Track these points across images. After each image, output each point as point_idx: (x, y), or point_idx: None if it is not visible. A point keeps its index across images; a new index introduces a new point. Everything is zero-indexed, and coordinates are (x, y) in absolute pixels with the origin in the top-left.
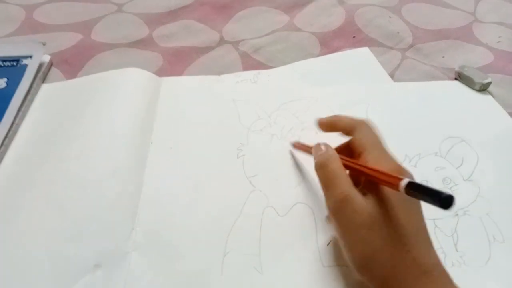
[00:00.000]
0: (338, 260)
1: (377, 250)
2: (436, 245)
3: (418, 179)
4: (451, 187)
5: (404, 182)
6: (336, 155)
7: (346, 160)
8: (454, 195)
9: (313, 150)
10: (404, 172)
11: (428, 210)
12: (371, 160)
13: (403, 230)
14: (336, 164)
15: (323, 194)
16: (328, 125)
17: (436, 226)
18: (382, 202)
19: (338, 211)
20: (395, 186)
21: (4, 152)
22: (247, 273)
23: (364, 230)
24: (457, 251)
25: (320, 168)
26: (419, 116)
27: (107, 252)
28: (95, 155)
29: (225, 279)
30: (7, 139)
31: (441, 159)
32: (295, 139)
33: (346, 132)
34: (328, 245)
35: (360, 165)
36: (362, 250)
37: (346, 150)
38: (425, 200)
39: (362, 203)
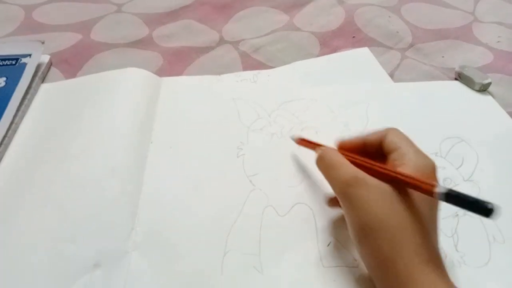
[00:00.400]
0: (338, 261)
1: (387, 220)
2: None
3: None
4: (451, 187)
5: (439, 189)
6: (332, 147)
7: (363, 161)
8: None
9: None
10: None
11: None
12: (409, 157)
13: (421, 213)
14: (333, 153)
15: (328, 183)
16: (355, 145)
17: None
18: (396, 186)
19: (347, 190)
20: (427, 191)
21: (4, 152)
22: (247, 273)
23: (378, 203)
24: (457, 251)
25: (319, 161)
26: (419, 116)
27: (107, 252)
28: (94, 154)
29: (225, 279)
30: (6, 139)
31: (441, 159)
32: (296, 134)
33: (378, 142)
34: (328, 245)
35: (384, 168)
36: (369, 218)
37: (358, 150)
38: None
39: (375, 181)
